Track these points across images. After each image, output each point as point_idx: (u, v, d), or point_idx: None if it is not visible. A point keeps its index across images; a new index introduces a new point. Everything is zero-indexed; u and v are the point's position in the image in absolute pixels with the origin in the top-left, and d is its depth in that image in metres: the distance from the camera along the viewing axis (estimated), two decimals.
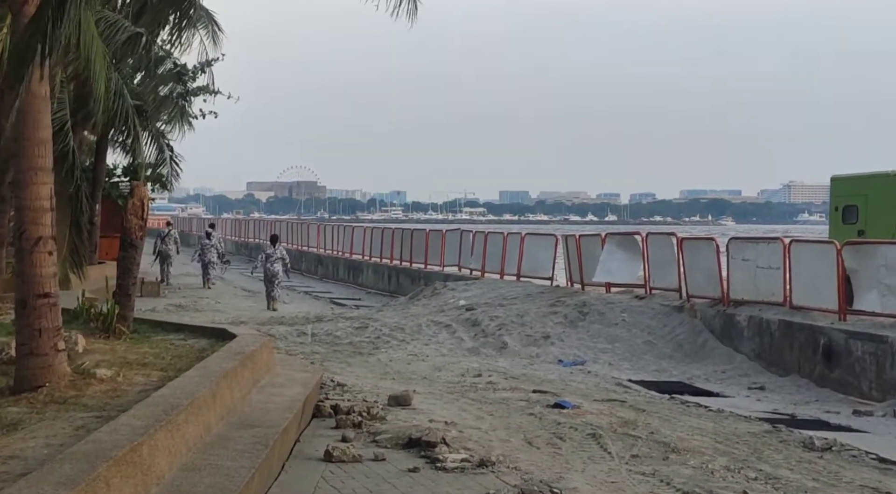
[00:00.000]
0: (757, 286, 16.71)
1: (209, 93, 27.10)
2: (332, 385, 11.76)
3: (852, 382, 13.92)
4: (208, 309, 23.72)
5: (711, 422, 11.48)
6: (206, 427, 7.21)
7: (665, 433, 10.18)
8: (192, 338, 11.34)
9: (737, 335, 16.61)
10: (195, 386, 7.63)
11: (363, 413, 9.74)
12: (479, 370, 14.79)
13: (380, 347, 17.30)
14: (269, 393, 9.39)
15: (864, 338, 13.85)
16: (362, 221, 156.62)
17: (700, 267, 17.99)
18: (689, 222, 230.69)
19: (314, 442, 8.67)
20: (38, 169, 8.15)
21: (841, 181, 21.20)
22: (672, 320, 17.92)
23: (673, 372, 15.94)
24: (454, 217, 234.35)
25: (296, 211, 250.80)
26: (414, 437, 8.77)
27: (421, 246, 31.17)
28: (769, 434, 10.92)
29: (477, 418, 10.47)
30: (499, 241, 26.10)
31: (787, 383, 14.84)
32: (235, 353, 9.64)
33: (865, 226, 19.50)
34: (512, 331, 18.31)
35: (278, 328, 19.15)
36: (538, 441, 9.44)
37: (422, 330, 19.07)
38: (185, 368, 8.67)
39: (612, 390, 13.83)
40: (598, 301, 19.52)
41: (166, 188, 29.47)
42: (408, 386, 12.25)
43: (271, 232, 53.49)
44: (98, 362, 8.80)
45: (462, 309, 20.57)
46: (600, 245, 21.04)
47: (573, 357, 16.76)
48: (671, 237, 19.57)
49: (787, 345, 15.42)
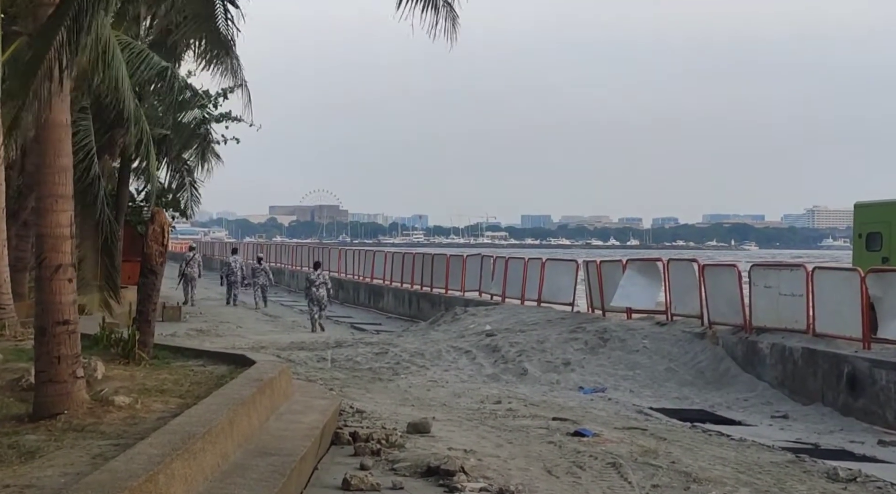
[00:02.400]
0: (779, 313, 16.56)
1: (231, 120, 27.32)
2: (350, 411, 11.72)
3: (877, 411, 13.74)
4: (229, 333, 23.77)
5: (734, 452, 11.36)
6: (223, 455, 7.18)
7: (686, 462, 10.07)
8: (212, 364, 11.34)
9: (759, 362, 16.45)
10: (213, 413, 7.61)
11: (382, 441, 9.69)
12: (498, 396, 14.72)
13: (399, 373, 17.26)
14: (288, 421, 9.35)
15: (889, 367, 13.67)
16: (384, 245, 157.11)
17: (722, 294, 17.86)
18: (710, 247, 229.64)
19: (332, 470, 8.63)
20: (59, 196, 8.20)
21: (864, 208, 21.03)
22: (694, 347, 17.78)
23: (695, 399, 15.79)
24: (476, 241, 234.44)
25: (318, 235, 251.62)
26: (433, 465, 8.72)
27: (441, 271, 31.16)
28: (792, 464, 10.79)
29: (496, 446, 10.41)
30: (519, 267, 26.04)
31: (811, 411, 14.67)
32: (254, 380, 9.62)
33: (890, 253, 19.32)
34: (532, 358, 18.23)
35: (298, 353, 19.15)
36: (558, 470, 9.37)
37: (442, 355, 19.03)
38: (203, 395, 8.66)
39: (632, 418, 13.72)
40: (618, 327, 19.41)
41: (185, 215, 29.63)
42: (427, 413, 12.20)
43: (293, 256, 53.86)
44: (117, 389, 8.81)
45: (482, 334, 20.51)
46: (621, 271, 20.95)
47: (594, 384, 16.66)
48: (693, 263, 19.47)
49: (810, 373, 15.25)
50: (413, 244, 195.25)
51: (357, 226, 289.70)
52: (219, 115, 27.49)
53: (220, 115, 27.54)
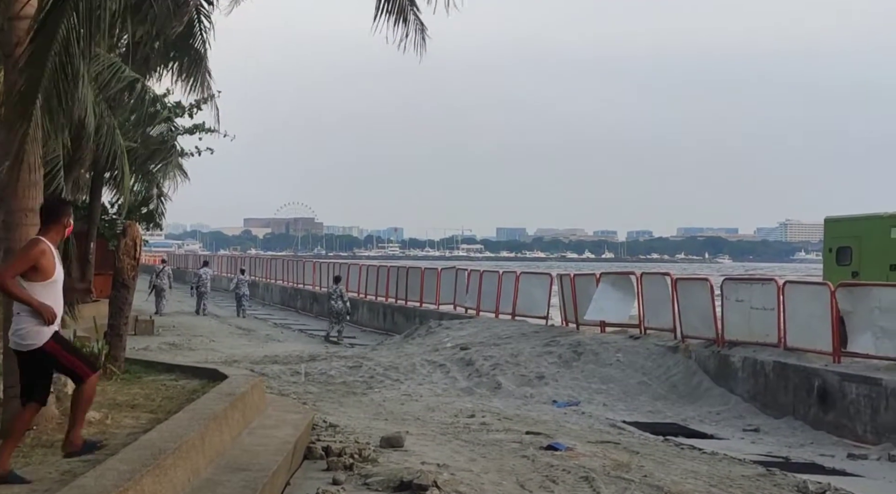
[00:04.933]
0: (751, 327, 16.69)
1: (204, 131, 27.18)
2: (324, 425, 11.68)
3: (847, 425, 13.86)
4: (202, 347, 23.63)
5: (706, 465, 11.40)
6: (194, 471, 7.14)
7: (659, 476, 10.10)
8: (184, 379, 11.29)
9: (731, 376, 16.56)
10: (184, 429, 7.57)
11: (355, 455, 9.65)
12: (472, 410, 14.71)
13: (373, 387, 17.23)
14: (260, 435, 9.31)
15: (859, 381, 13.81)
16: (359, 258, 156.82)
17: (695, 308, 17.98)
18: (684, 260, 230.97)
19: (305, 485, 8.58)
20: (28, 210, 8.16)
21: (835, 222, 21.26)
22: (667, 360, 17.87)
23: (667, 413, 15.86)
24: (451, 254, 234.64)
25: (293, 247, 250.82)
26: (405, 480, 8.68)
27: (416, 284, 31.16)
28: (763, 477, 10.84)
29: (469, 460, 10.39)
30: (494, 280, 26.09)
31: (782, 425, 14.78)
32: (226, 395, 9.58)
33: (859, 267, 19.53)
34: (506, 371, 18.25)
35: (272, 367, 19.08)
36: (530, 484, 9.36)
37: (416, 369, 19.00)
38: (174, 410, 8.62)
39: (605, 431, 13.75)
40: (592, 341, 19.48)
41: (160, 227, 29.52)
42: (401, 427, 12.18)
43: (267, 269, 53.68)
44: None
45: (457, 348, 20.52)
46: (595, 284, 21.03)
47: (567, 397, 16.69)
48: (665, 277, 19.59)
49: (781, 387, 15.37)
50: (388, 257, 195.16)
51: (332, 238, 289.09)
52: (192, 127, 27.35)
53: (193, 127, 27.40)
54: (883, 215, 19.74)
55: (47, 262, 6.61)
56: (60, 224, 6.87)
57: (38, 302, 6.58)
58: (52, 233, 6.79)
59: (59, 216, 6.89)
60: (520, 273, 25.77)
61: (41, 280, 6.59)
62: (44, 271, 6.59)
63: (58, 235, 6.85)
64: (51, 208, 7.03)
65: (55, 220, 6.85)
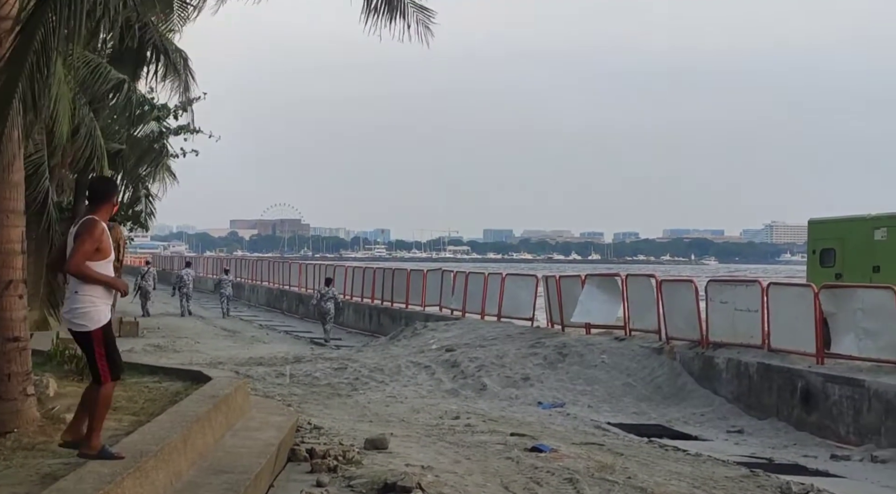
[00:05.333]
0: (735, 328, 16.75)
1: (190, 132, 27.09)
2: (308, 428, 11.65)
3: (830, 426, 13.93)
4: (187, 349, 23.56)
5: (689, 466, 11.43)
6: (176, 473, 7.12)
7: (642, 478, 10.12)
8: (168, 381, 11.24)
9: (716, 377, 16.61)
10: (166, 431, 7.54)
11: (339, 457, 9.63)
12: (457, 412, 14.71)
13: (358, 389, 17.21)
14: (243, 438, 9.28)
15: (842, 382, 13.88)
16: (346, 259, 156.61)
17: (679, 309, 18.03)
18: (669, 261, 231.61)
19: (288, 487, 8.57)
20: (10, 211, 8.11)
21: (818, 224, 21.36)
22: (651, 362, 17.92)
23: (652, 414, 15.90)
24: (438, 255, 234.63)
25: (279, 249, 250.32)
26: (389, 482, 8.67)
27: (402, 285, 31.15)
28: (747, 478, 10.88)
29: (454, 462, 10.39)
30: (480, 281, 26.11)
31: (766, 426, 14.84)
32: (209, 397, 9.55)
33: (843, 269, 19.62)
34: (491, 373, 18.26)
35: (257, 369, 19.03)
36: (515, 486, 9.37)
37: (401, 371, 19.00)
38: (157, 412, 8.58)
39: (590, 433, 13.77)
40: (577, 342, 19.51)
41: (145, 227, 29.40)
42: (385, 429, 12.17)
43: (252, 270, 53.56)
44: (69, 406, 8.68)
45: (442, 349, 20.52)
46: (580, 286, 21.07)
47: (552, 399, 16.71)
48: (650, 279, 19.64)
49: (765, 388, 15.43)
50: (375, 258, 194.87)
51: (319, 240, 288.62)
52: (177, 128, 27.25)
53: (179, 128, 27.30)
54: (866, 217, 19.85)
55: (107, 241, 6.76)
56: (110, 203, 6.99)
57: (112, 277, 6.78)
58: (103, 212, 6.88)
59: (108, 195, 7.00)
60: (505, 274, 25.81)
61: (101, 259, 6.70)
62: (104, 250, 6.71)
63: (107, 214, 6.96)
64: (100, 188, 7.14)
65: (106, 200, 6.95)
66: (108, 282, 6.71)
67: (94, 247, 6.63)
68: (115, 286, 6.78)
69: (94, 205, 6.92)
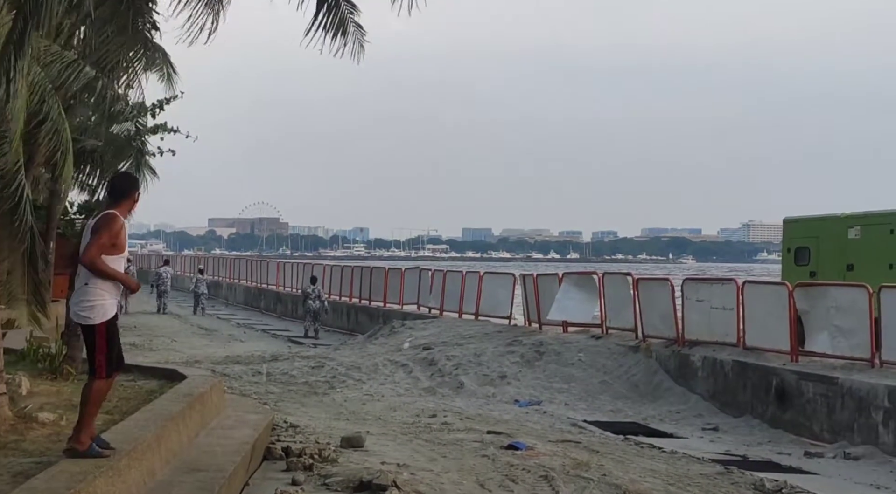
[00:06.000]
0: (711, 326, 16.85)
1: (167, 131, 26.88)
2: (284, 426, 11.63)
3: (804, 423, 14.04)
4: (163, 348, 23.46)
5: (665, 464, 11.50)
6: (149, 472, 7.09)
7: (617, 475, 10.16)
8: (142, 379, 11.19)
9: (691, 375, 16.70)
10: (139, 429, 7.52)
11: (314, 456, 9.63)
12: (434, 410, 14.72)
13: (335, 387, 17.19)
14: (218, 436, 9.26)
15: (815, 380, 13.99)
16: (325, 258, 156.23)
17: (655, 308, 18.11)
18: (647, 260, 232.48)
19: (264, 486, 8.55)
20: None
21: (793, 223, 21.51)
22: (628, 360, 17.99)
23: (628, 412, 15.96)
24: (417, 254, 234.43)
25: (258, 247, 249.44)
26: (365, 480, 8.67)
27: (380, 284, 31.13)
28: (721, 476, 10.95)
29: (430, 460, 10.40)
30: (457, 280, 26.12)
31: (741, 424, 14.93)
32: (184, 395, 9.52)
33: (817, 267, 19.77)
34: (468, 371, 18.28)
35: (233, 367, 18.98)
36: (490, 484, 9.38)
37: (378, 369, 18.99)
38: (131, 411, 8.54)
39: (567, 431, 13.81)
40: (554, 340, 19.56)
41: None
42: (362, 427, 12.17)
43: (230, 269, 53.36)
44: (42, 405, 8.64)
45: (419, 348, 20.52)
46: (557, 284, 21.12)
47: (529, 397, 16.75)
48: (627, 277, 19.72)
49: (740, 386, 15.53)
50: (354, 257, 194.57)
51: (298, 238, 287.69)
52: (154, 126, 27.05)
53: (156, 126, 27.10)
54: (840, 216, 20.00)
55: (124, 237, 6.83)
56: (132, 199, 7.07)
57: (125, 275, 6.88)
58: (123, 207, 6.96)
59: (130, 191, 7.08)
60: (483, 273, 25.83)
61: (116, 253, 6.76)
62: (120, 245, 6.78)
63: (128, 210, 7.04)
64: (122, 184, 7.23)
65: (127, 195, 7.03)
66: (120, 279, 6.79)
67: (110, 242, 6.69)
68: (126, 283, 6.88)
69: (115, 201, 7.01)
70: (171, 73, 20.52)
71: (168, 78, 20.69)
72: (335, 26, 11.25)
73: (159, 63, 19.82)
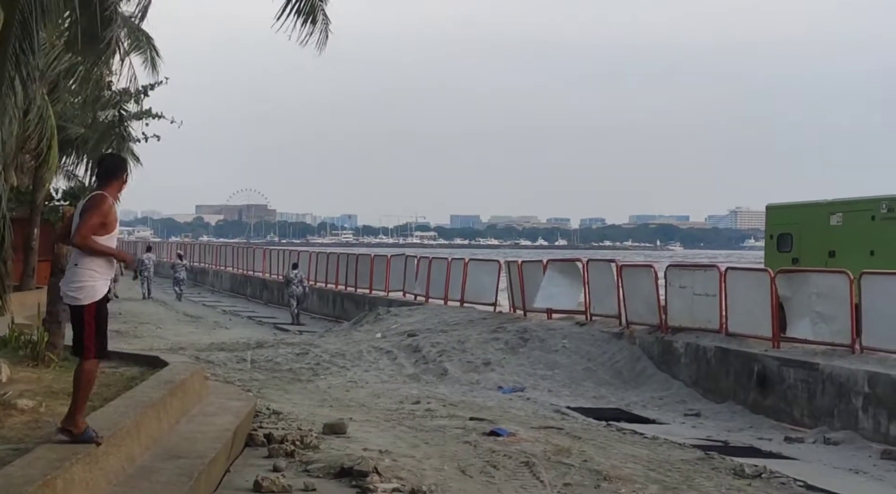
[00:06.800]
0: (694, 313, 16.92)
1: (151, 117, 26.80)
2: (267, 413, 11.65)
3: (785, 409, 14.13)
4: (148, 335, 23.43)
5: (646, 449, 11.56)
6: (128, 458, 7.10)
7: (599, 460, 10.22)
8: (124, 366, 11.19)
9: (674, 361, 16.78)
10: (119, 416, 7.52)
11: (296, 442, 9.65)
12: (418, 397, 14.76)
13: (319, 374, 17.21)
14: (199, 423, 9.27)
15: (797, 366, 14.08)
16: (313, 245, 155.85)
17: (639, 294, 18.17)
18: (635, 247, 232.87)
19: (245, 472, 8.57)
20: None
21: (776, 209, 21.58)
22: (612, 346, 18.05)
23: (611, 398, 16.03)
24: (405, 241, 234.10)
25: (245, 234, 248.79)
26: (346, 466, 8.71)
27: (366, 271, 31.15)
28: (702, 461, 11.02)
29: (412, 446, 10.44)
30: (443, 267, 26.15)
31: (723, 409, 15.02)
32: (165, 382, 9.53)
33: (800, 254, 19.85)
34: (453, 358, 18.32)
35: (218, 354, 18.97)
36: (471, 470, 9.43)
37: (363, 356, 19.01)
38: (111, 398, 8.54)
39: (549, 417, 13.87)
40: (539, 327, 19.61)
41: None
42: (345, 414, 12.20)
43: (216, 256, 53.27)
44: (22, 392, 8.63)
45: (404, 335, 20.54)
46: (542, 271, 21.17)
47: (513, 383, 16.80)
48: (611, 264, 19.77)
49: (722, 372, 15.61)
50: (342, 244, 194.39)
51: (285, 225, 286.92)
52: (138, 112, 26.96)
53: (140, 112, 27.00)
54: (822, 202, 20.08)
55: (114, 217, 6.87)
56: (120, 180, 7.14)
57: (118, 250, 6.99)
58: (112, 188, 7.01)
59: (119, 172, 7.17)
60: (468, 260, 25.87)
61: (106, 233, 6.81)
62: (109, 226, 6.83)
63: (117, 190, 7.09)
64: (111, 165, 7.29)
65: (117, 176, 7.11)
66: (114, 254, 6.86)
67: (100, 222, 6.75)
68: (120, 257, 7.01)
69: (103, 182, 7.07)
70: (156, 57, 20.50)
71: (152, 62, 20.63)
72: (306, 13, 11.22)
73: (143, 47, 19.77)
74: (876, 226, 18.16)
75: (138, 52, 16.21)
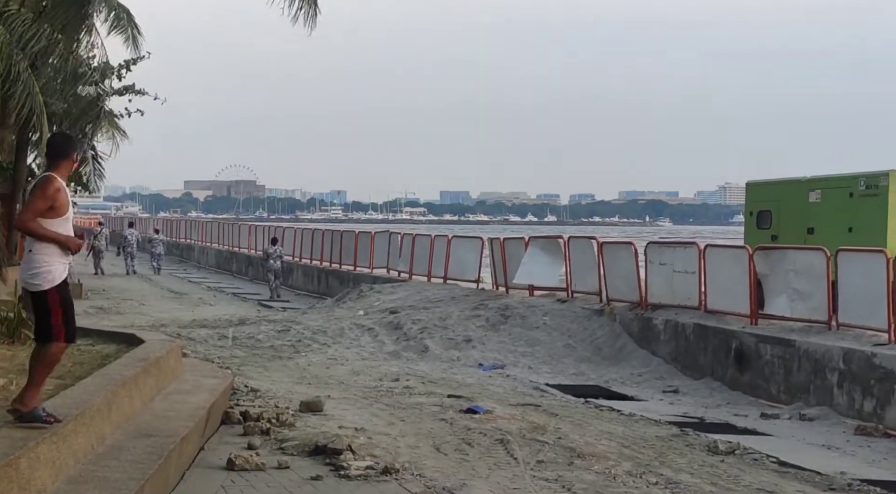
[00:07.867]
0: (674, 290, 16.98)
1: (135, 92, 26.59)
2: (245, 390, 11.67)
3: (762, 385, 14.23)
4: (131, 311, 23.39)
5: (622, 426, 11.64)
6: (98, 437, 7.11)
7: (573, 438, 10.28)
8: (101, 344, 11.19)
9: (654, 338, 16.86)
10: (90, 394, 7.52)
11: (272, 420, 9.68)
12: (397, 374, 14.80)
13: (300, 351, 17.22)
14: (174, 401, 9.28)
15: (774, 342, 14.16)
16: (301, 221, 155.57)
17: (619, 271, 18.22)
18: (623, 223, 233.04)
19: (219, 450, 8.60)
20: None
21: (756, 186, 21.61)
22: (592, 323, 18.11)
23: (591, 375, 16.10)
24: (394, 217, 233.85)
25: (234, 210, 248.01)
26: (320, 444, 8.75)
27: (350, 247, 31.12)
28: (676, 437, 11.11)
29: (388, 424, 10.48)
30: (427, 244, 26.14)
31: (701, 386, 15.11)
32: (139, 360, 9.53)
33: (779, 231, 19.90)
34: (434, 335, 18.35)
35: (199, 331, 18.96)
36: (446, 448, 9.47)
37: (344, 333, 19.02)
38: (83, 376, 8.54)
39: (528, 394, 13.93)
40: (520, 304, 19.64)
41: (87, 188, 28.81)
42: (324, 391, 12.22)
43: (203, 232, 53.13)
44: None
45: (385, 311, 20.56)
46: (524, 248, 21.19)
47: (493, 360, 16.85)
48: (592, 241, 19.80)
49: (701, 349, 15.70)
50: (331, 220, 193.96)
51: (274, 201, 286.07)
52: (121, 88, 26.76)
53: (123, 88, 26.81)
54: (801, 179, 20.10)
55: (63, 199, 6.67)
56: (70, 159, 6.90)
57: (64, 236, 6.66)
58: (62, 168, 6.81)
59: (68, 151, 6.89)
60: (451, 236, 25.86)
61: (56, 216, 6.64)
62: (59, 208, 6.65)
63: (67, 171, 6.89)
64: (60, 144, 7.05)
65: (65, 156, 6.86)
66: (60, 240, 6.64)
67: (46, 205, 6.58)
68: (67, 244, 6.69)
69: (52, 162, 6.86)
70: (136, 34, 20.35)
71: (133, 40, 20.49)
72: None
73: (124, 24, 19.62)
74: (854, 202, 18.21)
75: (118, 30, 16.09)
